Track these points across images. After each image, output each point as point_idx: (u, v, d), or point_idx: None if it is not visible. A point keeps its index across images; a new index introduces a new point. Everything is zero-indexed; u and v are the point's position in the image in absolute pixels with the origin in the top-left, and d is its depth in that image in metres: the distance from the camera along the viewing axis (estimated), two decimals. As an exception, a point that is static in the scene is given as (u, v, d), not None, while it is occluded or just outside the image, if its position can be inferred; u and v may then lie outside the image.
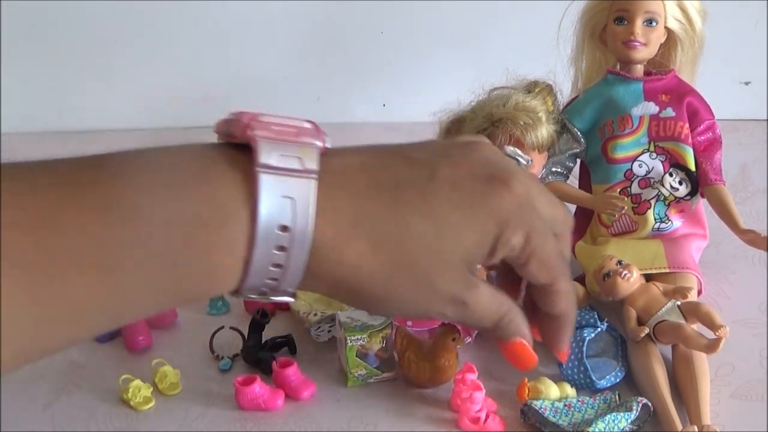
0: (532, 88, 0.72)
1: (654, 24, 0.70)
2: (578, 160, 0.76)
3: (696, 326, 0.63)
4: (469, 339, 0.65)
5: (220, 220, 0.38)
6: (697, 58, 0.75)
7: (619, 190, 0.73)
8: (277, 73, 1.11)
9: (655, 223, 0.72)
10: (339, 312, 0.66)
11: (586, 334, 0.65)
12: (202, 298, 0.45)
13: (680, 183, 0.72)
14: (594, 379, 0.61)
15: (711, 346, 0.60)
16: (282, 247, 0.39)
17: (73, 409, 0.64)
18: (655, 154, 0.72)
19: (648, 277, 0.68)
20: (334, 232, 0.41)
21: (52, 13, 1.07)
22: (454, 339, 0.63)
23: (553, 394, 0.61)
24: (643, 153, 0.72)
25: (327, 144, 0.42)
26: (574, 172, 0.77)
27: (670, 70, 0.73)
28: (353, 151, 0.45)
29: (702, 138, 0.72)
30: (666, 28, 0.71)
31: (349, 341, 0.63)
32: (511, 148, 0.70)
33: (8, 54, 1.08)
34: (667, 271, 0.69)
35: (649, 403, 0.58)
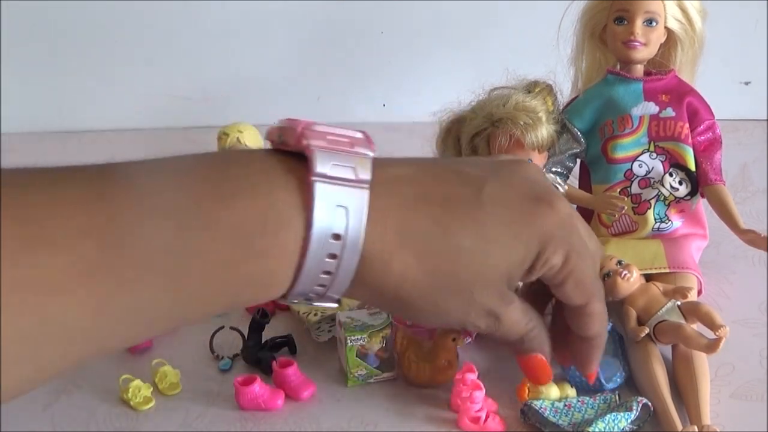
0: (532, 88, 0.72)
1: (654, 24, 0.70)
2: (578, 160, 0.76)
3: (696, 326, 0.63)
4: (469, 339, 0.65)
5: (276, 227, 0.38)
6: (697, 58, 0.75)
7: (619, 190, 0.73)
8: (277, 73, 1.11)
9: (655, 223, 0.72)
10: (339, 312, 0.66)
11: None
12: (252, 304, 0.45)
13: (680, 183, 0.72)
14: (603, 381, 0.61)
15: (711, 346, 0.59)
16: (333, 255, 0.39)
17: (73, 409, 0.64)
18: (655, 154, 0.72)
19: (648, 277, 0.68)
20: (382, 242, 0.41)
21: (52, 13, 1.07)
22: (454, 339, 0.63)
23: (554, 395, 0.61)
24: (643, 153, 0.72)
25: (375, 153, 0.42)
26: (574, 172, 0.77)
27: (670, 70, 0.73)
28: (402, 162, 0.45)
29: (702, 138, 0.72)
30: (666, 28, 0.71)
31: (349, 341, 0.63)
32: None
33: (8, 54, 1.08)
34: (667, 271, 0.69)
35: (649, 403, 0.58)
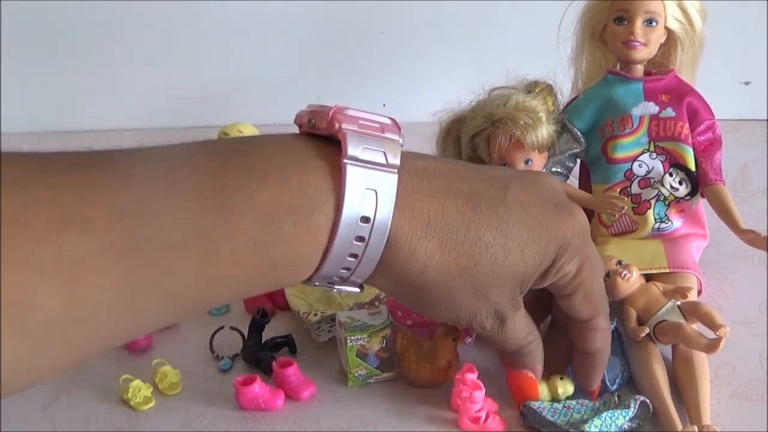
0: (532, 88, 0.72)
1: (654, 24, 0.70)
2: (578, 160, 0.76)
3: (696, 326, 0.63)
4: (469, 339, 0.65)
5: (307, 210, 0.39)
6: (697, 58, 0.75)
7: (619, 190, 0.73)
8: (277, 73, 1.11)
9: (655, 223, 0.72)
10: (339, 312, 0.66)
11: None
12: (280, 287, 0.45)
13: (680, 183, 0.72)
14: (607, 382, 0.61)
15: (711, 346, 0.59)
16: (361, 238, 0.40)
17: (73, 409, 0.64)
18: (655, 154, 0.72)
19: (648, 277, 0.68)
20: (409, 228, 0.42)
21: (52, 13, 1.07)
22: (455, 339, 0.63)
23: (543, 394, 0.60)
24: (643, 153, 0.72)
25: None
26: (574, 172, 0.77)
27: (670, 70, 0.73)
28: (427, 156, 0.46)
29: (702, 138, 0.72)
30: (666, 28, 0.71)
31: (349, 341, 0.63)
32: None
33: (8, 54, 1.08)
34: (667, 271, 0.69)
35: (648, 401, 0.58)
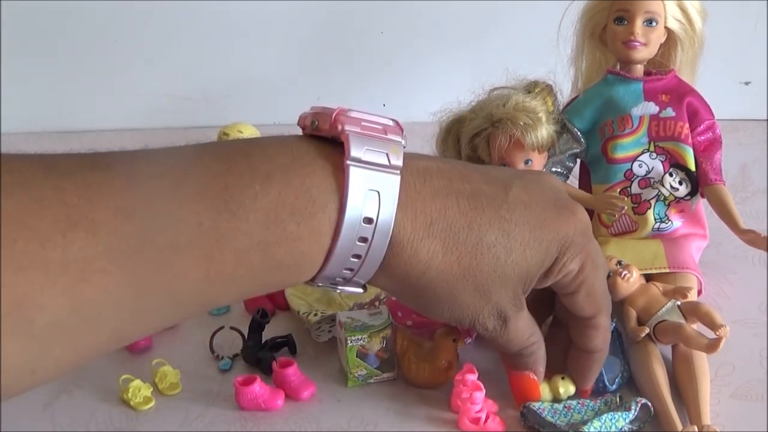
0: (532, 88, 0.72)
1: (654, 24, 0.70)
2: (578, 160, 0.76)
3: (696, 326, 0.63)
4: (469, 339, 0.65)
5: (310, 211, 0.39)
6: (697, 58, 0.75)
7: (619, 190, 0.73)
8: (277, 73, 1.11)
9: (655, 223, 0.72)
10: (339, 312, 0.66)
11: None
12: (283, 288, 0.45)
13: (680, 183, 0.72)
14: (606, 382, 0.61)
15: (711, 346, 0.59)
16: (364, 239, 0.40)
17: (73, 408, 0.64)
18: (655, 154, 0.72)
19: (648, 277, 0.68)
20: (412, 229, 0.42)
21: (52, 13, 1.07)
22: (455, 340, 0.63)
23: (545, 394, 0.60)
24: (643, 153, 0.72)
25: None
26: (574, 172, 0.77)
27: (670, 70, 0.73)
28: (429, 156, 0.46)
29: (702, 138, 0.72)
30: (666, 28, 0.71)
31: (349, 341, 0.63)
32: None
33: (8, 54, 1.08)
34: (667, 271, 0.69)
35: (649, 404, 0.58)
